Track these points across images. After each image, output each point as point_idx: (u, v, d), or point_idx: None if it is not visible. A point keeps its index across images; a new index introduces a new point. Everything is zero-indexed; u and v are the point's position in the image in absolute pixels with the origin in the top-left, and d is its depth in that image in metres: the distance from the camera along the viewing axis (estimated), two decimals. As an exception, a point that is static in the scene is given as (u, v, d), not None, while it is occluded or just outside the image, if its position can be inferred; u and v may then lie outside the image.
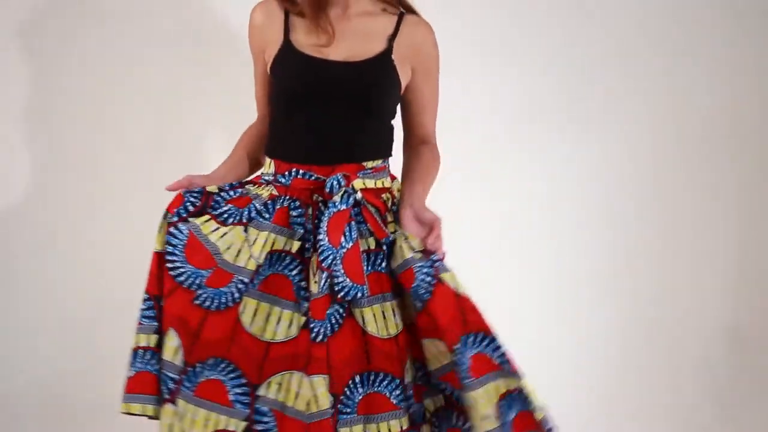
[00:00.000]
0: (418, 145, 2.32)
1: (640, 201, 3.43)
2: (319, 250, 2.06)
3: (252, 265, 2.10)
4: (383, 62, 2.18)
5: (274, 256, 2.14)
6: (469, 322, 2.07)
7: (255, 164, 2.34)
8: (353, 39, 2.19)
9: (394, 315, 2.14)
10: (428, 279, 2.07)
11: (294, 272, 2.13)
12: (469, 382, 2.04)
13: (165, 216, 2.17)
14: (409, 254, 2.09)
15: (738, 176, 3.45)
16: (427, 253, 2.09)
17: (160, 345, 2.15)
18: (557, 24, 3.32)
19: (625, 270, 3.45)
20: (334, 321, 2.09)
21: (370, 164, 2.19)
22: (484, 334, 2.08)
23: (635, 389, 3.49)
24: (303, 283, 2.13)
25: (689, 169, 3.44)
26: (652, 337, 3.48)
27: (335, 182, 2.12)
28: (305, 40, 2.18)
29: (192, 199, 2.17)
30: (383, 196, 2.20)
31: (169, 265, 2.13)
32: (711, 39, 3.38)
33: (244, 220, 2.15)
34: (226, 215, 2.16)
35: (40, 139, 3.14)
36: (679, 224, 3.46)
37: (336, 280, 2.07)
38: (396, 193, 2.24)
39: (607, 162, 3.40)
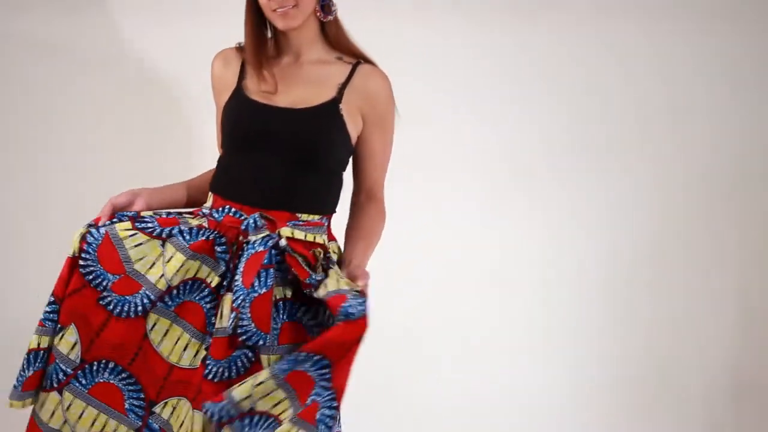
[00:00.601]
0: (365, 201, 2.31)
1: (642, 246, 3.44)
2: (234, 290, 2.06)
3: (162, 285, 2.10)
4: (330, 110, 2.16)
5: (195, 284, 2.14)
6: (342, 346, 1.97)
7: (197, 198, 2.32)
8: (304, 86, 2.18)
9: None
10: (360, 308, 1.96)
11: (208, 305, 2.13)
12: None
13: (88, 225, 2.15)
14: (346, 286, 2.03)
15: (740, 223, 3.45)
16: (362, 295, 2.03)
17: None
18: (559, 75, 3.34)
19: (628, 313, 3.46)
20: (240, 364, 2.07)
21: (304, 216, 2.16)
22: (329, 365, 1.97)
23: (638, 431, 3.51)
24: (213, 319, 2.12)
25: (693, 216, 3.44)
26: (654, 378, 3.50)
27: (251, 221, 2.11)
28: (255, 87, 2.19)
29: (118, 219, 2.15)
30: (314, 250, 2.16)
31: (81, 263, 2.11)
32: (712, 94, 3.38)
33: (164, 236, 2.13)
34: (148, 228, 2.14)
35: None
36: (683, 269, 3.46)
37: (241, 323, 2.04)
38: (332, 254, 2.21)
39: (609, 210, 3.41)
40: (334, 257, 2.21)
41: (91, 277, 2.10)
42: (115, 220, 2.14)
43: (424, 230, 3.34)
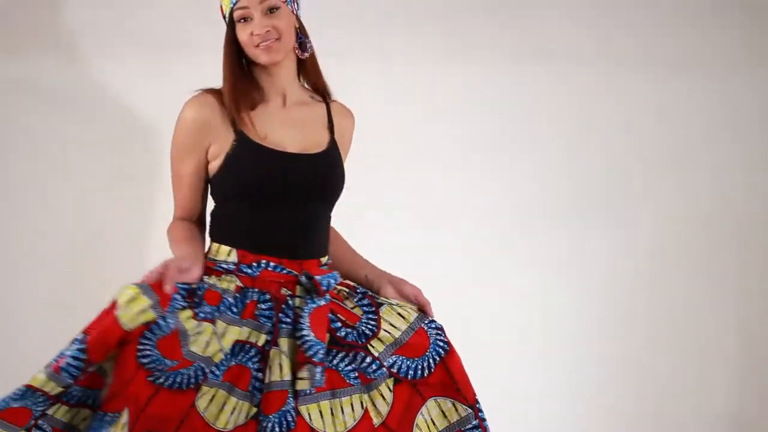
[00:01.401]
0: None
1: (644, 290, 3.44)
2: (306, 346, 2.02)
3: (218, 357, 2.03)
4: (336, 152, 2.20)
5: (238, 347, 2.07)
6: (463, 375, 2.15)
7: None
8: (301, 129, 2.17)
9: (342, 412, 2.08)
10: (440, 336, 2.15)
11: (255, 364, 2.07)
12: None
13: (154, 308, 1.95)
14: (413, 315, 2.14)
15: (742, 269, 3.46)
16: (431, 310, 2.17)
17: (58, 396, 1.96)
18: (561, 123, 3.37)
19: (630, 358, 3.45)
20: (290, 418, 2.03)
21: (323, 260, 2.17)
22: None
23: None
24: (260, 374, 2.06)
25: (693, 262, 3.45)
26: (656, 423, 3.48)
27: (304, 279, 2.08)
28: (256, 133, 2.12)
29: (179, 298, 2.01)
30: (340, 288, 2.19)
31: (139, 347, 1.96)
32: (715, 143, 3.41)
33: (217, 317, 2.05)
34: (205, 314, 2.04)
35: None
36: (683, 315, 3.46)
37: (300, 333, 2.04)
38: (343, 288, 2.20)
39: (607, 260, 3.42)
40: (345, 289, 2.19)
41: (146, 360, 1.96)
42: (178, 299, 2.00)
43: (421, 275, 3.31)
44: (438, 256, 3.32)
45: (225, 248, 2.12)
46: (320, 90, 2.25)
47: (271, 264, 2.09)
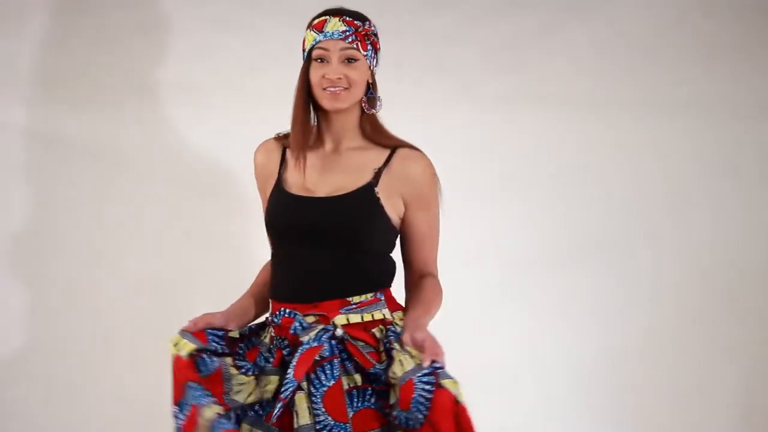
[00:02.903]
0: (418, 279, 2.26)
1: (639, 338, 3.43)
2: (284, 382, 2.07)
3: (256, 397, 2.14)
4: (365, 195, 2.16)
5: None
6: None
7: (264, 304, 2.31)
8: (343, 173, 2.18)
9: None
10: (428, 387, 2.01)
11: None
12: None
13: (194, 342, 2.11)
14: (409, 366, 2.05)
15: (740, 316, 3.45)
16: (427, 361, 2.04)
17: None
18: (559, 173, 3.38)
19: (626, 405, 3.45)
20: None
21: (356, 299, 2.15)
22: None
23: None
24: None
25: (691, 309, 3.44)
26: None
27: (297, 324, 2.12)
28: (294, 180, 2.20)
29: (215, 343, 2.14)
30: (374, 330, 2.16)
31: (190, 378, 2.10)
32: (714, 188, 3.42)
33: (256, 372, 2.17)
34: (246, 369, 2.16)
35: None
36: (681, 363, 3.45)
37: (317, 419, 2.06)
38: (395, 325, 2.18)
39: (604, 306, 3.42)
40: (399, 328, 2.17)
41: (193, 386, 2.09)
42: (211, 345, 2.12)
43: None
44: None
45: (269, 300, 2.24)
46: (388, 141, 2.23)
47: (287, 311, 2.16)
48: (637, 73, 3.39)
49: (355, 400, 2.12)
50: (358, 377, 2.13)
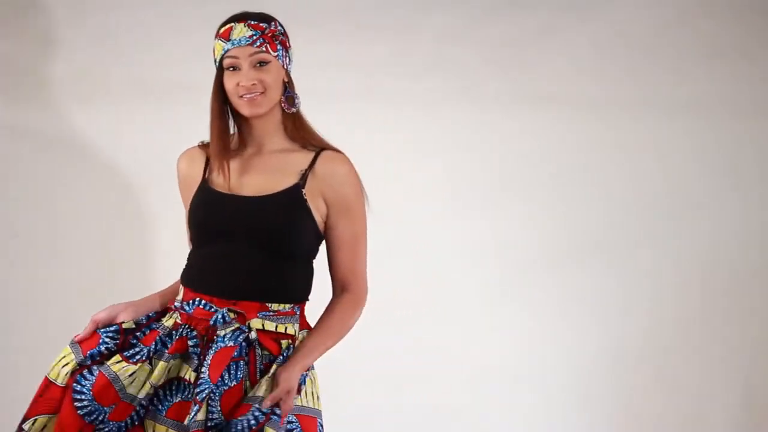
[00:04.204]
0: (339, 292, 2.23)
1: (639, 339, 3.43)
2: (198, 383, 2.05)
3: (148, 389, 2.09)
4: (292, 196, 2.13)
5: (180, 384, 2.12)
6: None
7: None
8: (266, 174, 2.16)
9: None
10: (253, 423, 1.99)
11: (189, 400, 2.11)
12: None
13: (76, 357, 2.12)
14: (260, 393, 2.04)
15: (740, 316, 3.45)
16: (268, 402, 2.02)
17: None
18: (559, 173, 3.39)
19: (626, 405, 3.44)
20: None
21: (275, 306, 2.13)
22: None
23: None
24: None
25: (691, 309, 3.44)
26: None
27: (220, 316, 2.10)
28: (220, 180, 2.18)
29: (108, 341, 2.14)
30: (283, 342, 2.14)
31: (77, 403, 2.07)
32: (714, 189, 3.43)
33: (151, 355, 2.13)
34: (136, 356, 2.12)
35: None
36: (681, 363, 3.45)
37: (211, 416, 2.03)
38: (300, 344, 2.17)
39: (604, 306, 3.42)
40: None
41: (86, 411, 2.07)
42: (101, 346, 2.13)
43: (416, 321, 3.35)
44: (432, 302, 3.33)
45: (181, 287, 2.20)
46: (312, 142, 2.21)
47: (203, 302, 2.13)
48: (637, 73, 3.39)
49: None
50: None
